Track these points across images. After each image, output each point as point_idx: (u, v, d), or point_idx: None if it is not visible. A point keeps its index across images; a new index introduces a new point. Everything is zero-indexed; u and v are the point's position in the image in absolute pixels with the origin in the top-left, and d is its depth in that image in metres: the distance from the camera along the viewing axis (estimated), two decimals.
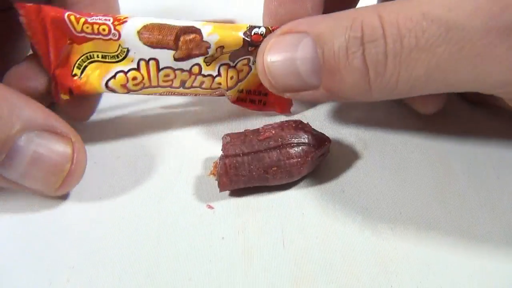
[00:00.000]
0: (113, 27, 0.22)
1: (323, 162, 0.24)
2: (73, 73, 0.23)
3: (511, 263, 0.20)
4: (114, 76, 0.23)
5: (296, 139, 0.22)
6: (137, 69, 0.23)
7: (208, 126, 0.28)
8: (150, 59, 0.23)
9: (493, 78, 0.19)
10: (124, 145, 0.26)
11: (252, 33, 0.23)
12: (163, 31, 0.22)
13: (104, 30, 0.22)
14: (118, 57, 0.23)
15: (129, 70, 0.23)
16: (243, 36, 0.23)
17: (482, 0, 0.18)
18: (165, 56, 0.23)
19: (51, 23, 0.22)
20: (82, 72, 0.23)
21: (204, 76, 0.24)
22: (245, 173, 0.22)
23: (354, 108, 0.29)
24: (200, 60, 0.23)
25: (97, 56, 0.23)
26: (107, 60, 0.23)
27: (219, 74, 0.24)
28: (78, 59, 0.23)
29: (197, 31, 0.23)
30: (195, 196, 0.23)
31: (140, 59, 0.23)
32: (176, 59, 0.23)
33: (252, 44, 0.23)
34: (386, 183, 0.24)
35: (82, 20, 0.22)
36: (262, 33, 0.23)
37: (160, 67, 0.23)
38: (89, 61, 0.23)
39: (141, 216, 0.22)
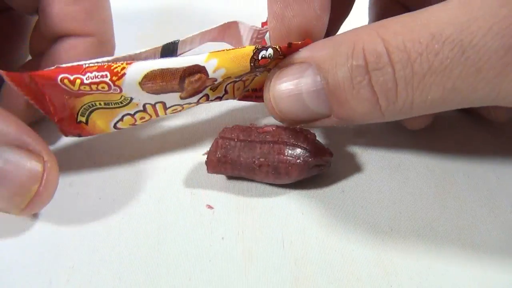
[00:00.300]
0: (112, 83, 0.20)
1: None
2: (78, 120, 0.22)
3: (511, 264, 0.20)
4: (121, 119, 0.23)
5: (294, 140, 0.22)
6: (144, 110, 0.22)
7: (211, 126, 0.28)
8: (156, 102, 0.22)
9: None
10: (124, 145, 0.26)
11: (260, 57, 0.21)
12: (166, 77, 0.20)
13: (103, 87, 0.20)
14: (121, 103, 0.22)
15: (135, 113, 0.23)
16: (250, 64, 0.21)
17: (495, 17, 0.16)
18: (171, 98, 0.22)
19: (45, 88, 0.21)
20: (87, 119, 0.22)
21: (211, 100, 0.24)
22: (233, 156, 0.22)
23: None
24: (206, 90, 0.23)
25: (99, 104, 0.22)
26: (110, 106, 0.22)
27: (226, 93, 0.24)
28: (80, 108, 0.22)
29: (202, 70, 0.21)
30: (195, 196, 0.23)
31: (145, 104, 0.22)
32: (182, 98, 0.22)
33: (258, 67, 0.22)
34: (385, 183, 0.24)
35: (78, 81, 0.20)
36: (270, 55, 0.21)
37: (167, 106, 0.23)
38: (91, 109, 0.22)
39: (141, 216, 0.22)
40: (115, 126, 0.23)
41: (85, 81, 0.20)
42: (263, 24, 0.24)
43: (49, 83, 0.20)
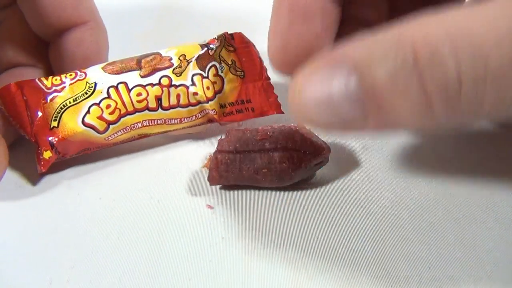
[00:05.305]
0: (79, 71, 0.25)
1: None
2: (51, 126, 0.24)
3: (511, 264, 0.20)
4: (88, 111, 0.24)
5: (292, 144, 0.22)
6: (108, 97, 0.24)
7: (212, 125, 0.28)
8: (118, 83, 0.24)
9: None
10: (124, 145, 0.26)
11: (207, 40, 0.26)
12: (125, 61, 0.25)
13: (71, 75, 0.25)
14: (87, 93, 0.24)
15: (100, 101, 0.24)
16: (199, 43, 0.26)
17: None
18: (132, 77, 0.25)
19: (27, 90, 0.24)
20: (59, 122, 0.24)
21: (176, 87, 0.25)
22: (235, 170, 0.22)
23: None
24: (168, 71, 0.25)
25: (69, 102, 0.24)
26: (78, 101, 0.24)
27: (193, 84, 0.25)
28: (53, 113, 0.24)
29: (156, 53, 0.26)
30: (195, 196, 0.23)
31: (109, 87, 0.24)
32: (142, 76, 0.25)
33: (209, 47, 0.26)
34: (386, 182, 0.24)
35: (51, 77, 0.25)
36: (216, 37, 0.26)
37: (130, 87, 0.24)
38: (62, 111, 0.24)
39: (141, 216, 0.22)
40: (83, 122, 0.24)
41: (56, 75, 0.25)
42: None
43: (30, 85, 0.24)
